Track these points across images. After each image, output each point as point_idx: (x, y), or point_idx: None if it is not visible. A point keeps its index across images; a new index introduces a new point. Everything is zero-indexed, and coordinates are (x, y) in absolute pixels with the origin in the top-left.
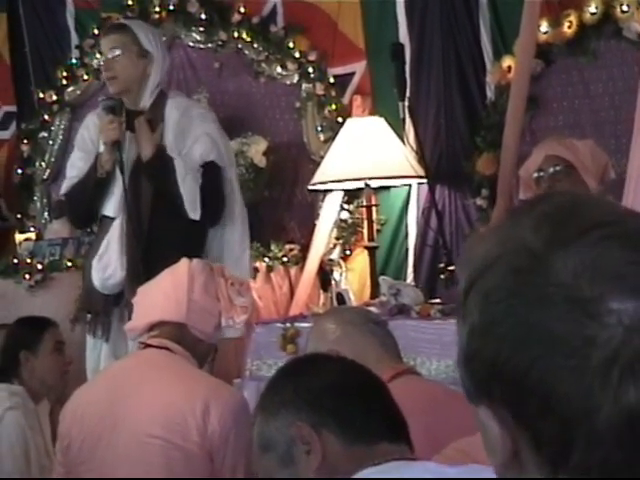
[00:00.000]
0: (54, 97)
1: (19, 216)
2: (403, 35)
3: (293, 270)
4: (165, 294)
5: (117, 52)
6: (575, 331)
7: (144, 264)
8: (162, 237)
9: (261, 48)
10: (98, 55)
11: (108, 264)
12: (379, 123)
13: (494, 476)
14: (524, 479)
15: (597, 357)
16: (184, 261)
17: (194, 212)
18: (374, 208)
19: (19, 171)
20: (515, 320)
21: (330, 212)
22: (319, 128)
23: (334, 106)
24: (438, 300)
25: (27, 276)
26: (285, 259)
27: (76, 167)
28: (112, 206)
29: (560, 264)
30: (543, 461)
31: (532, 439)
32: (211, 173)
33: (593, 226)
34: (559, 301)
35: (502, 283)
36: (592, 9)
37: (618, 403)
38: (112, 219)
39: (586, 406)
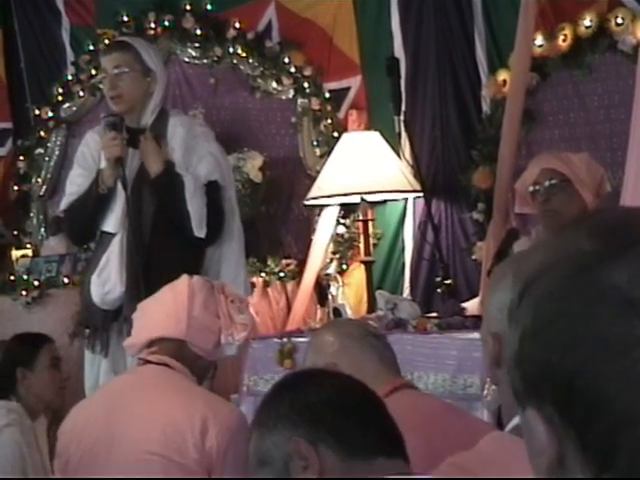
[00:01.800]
0: (50, 114)
1: (15, 233)
2: (398, 49)
3: (290, 285)
4: (165, 310)
5: (123, 70)
6: (626, 332)
7: (144, 280)
8: (162, 253)
9: (256, 63)
10: (94, 71)
11: (107, 279)
12: (375, 137)
13: None
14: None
15: None
16: (184, 278)
17: (200, 230)
18: (370, 222)
19: (15, 188)
20: (569, 320)
21: (326, 227)
22: (315, 143)
23: (330, 121)
24: (435, 314)
25: (24, 293)
26: (282, 274)
27: (75, 184)
28: (112, 222)
29: (614, 269)
30: (588, 464)
31: (578, 441)
32: (213, 192)
33: None
34: (613, 302)
35: (557, 285)
36: (587, 22)
37: None
38: (112, 235)
39: (633, 409)
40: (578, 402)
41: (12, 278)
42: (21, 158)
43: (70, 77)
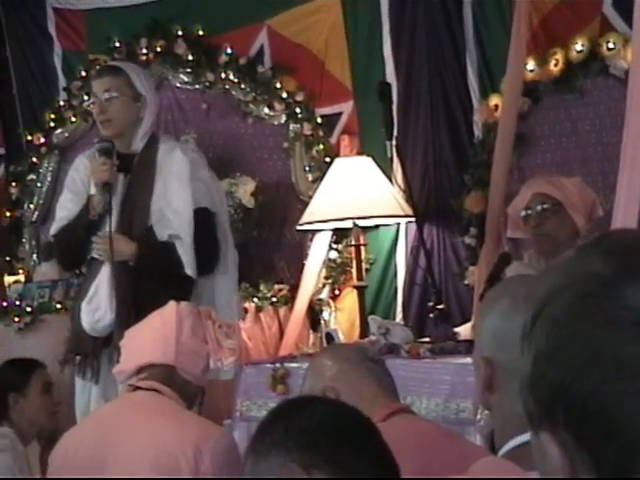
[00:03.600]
0: (42, 139)
1: (8, 258)
2: (390, 74)
3: (282, 310)
4: (153, 337)
5: (113, 95)
6: None
7: (134, 306)
8: (152, 279)
9: (248, 89)
10: (86, 97)
11: (97, 307)
12: (367, 162)
13: None
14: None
15: None
16: (172, 304)
17: (191, 269)
18: (363, 247)
19: (7, 213)
20: (582, 343)
21: (319, 252)
22: (307, 168)
23: (322, 146)
24: (428, 339)
25: (16, 318)
26: (274, 299)
27: (65, 208)
28: None
29: (629, 291)
30: None
31: (592, 463)
32: (204, 219)
33: None
34: (627, 324)
35: (571, 308)
36: (578, 47)
37: None
38: (101, 261)
39: None
40: (592, 424)
41: (4, 304)
42: (13, 184)
43: (62, 103)
